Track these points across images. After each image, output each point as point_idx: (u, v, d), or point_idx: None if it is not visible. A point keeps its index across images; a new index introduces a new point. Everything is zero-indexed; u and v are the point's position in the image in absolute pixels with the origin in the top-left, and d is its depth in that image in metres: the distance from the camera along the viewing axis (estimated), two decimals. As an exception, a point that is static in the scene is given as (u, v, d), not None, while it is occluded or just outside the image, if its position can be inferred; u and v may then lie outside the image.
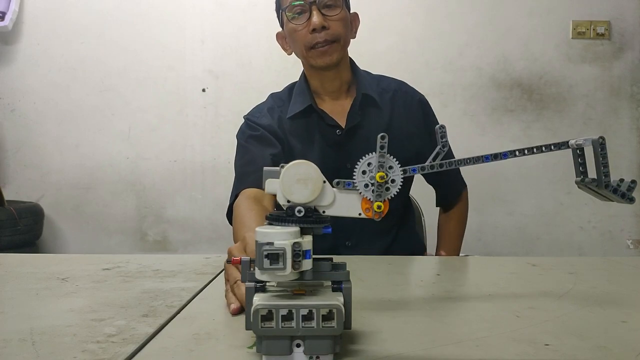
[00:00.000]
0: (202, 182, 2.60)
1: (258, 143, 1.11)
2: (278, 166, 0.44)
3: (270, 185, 0.45)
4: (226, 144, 2.57)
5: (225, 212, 1.10)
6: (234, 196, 1.06)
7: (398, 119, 1.15)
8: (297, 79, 1.20)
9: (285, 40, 1.15)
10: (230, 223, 1.06)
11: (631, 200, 0.52)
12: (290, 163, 0.44)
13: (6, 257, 0.93)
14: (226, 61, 2.58)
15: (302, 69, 1.18)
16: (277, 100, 1.20)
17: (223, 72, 2.58)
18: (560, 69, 2.54)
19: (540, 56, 2.54)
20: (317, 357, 0.42)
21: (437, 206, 1.31)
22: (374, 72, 1.23)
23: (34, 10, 2.58)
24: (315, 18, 1.04)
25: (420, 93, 1.23)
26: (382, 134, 0.46)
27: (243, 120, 1.18)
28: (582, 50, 2.55)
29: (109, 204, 2.60)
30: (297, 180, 0.44)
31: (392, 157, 0.47)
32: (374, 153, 0.46)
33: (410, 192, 1.27)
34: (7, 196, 2.40)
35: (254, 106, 1.21)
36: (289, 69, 2.51)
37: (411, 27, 2.53)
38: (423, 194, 1.37)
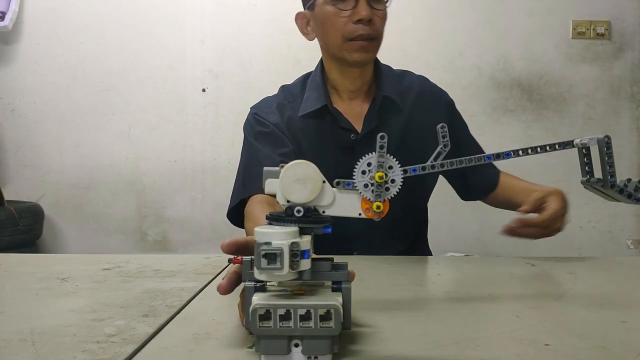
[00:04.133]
0: (202, 182, 2.60)
1: (267, 142, 1.02)
2: None
3: (270, 185, 0.45)
4: (226, 144, 2.57)
5: (226, 212, 1.05)
6: (237, 199, 1.00)
7: (419, 123, 1.06)
8: (297, 79, 1.12)
9: (308, 22, 1.04)
10: (233, 223, 1.04)
11: (638, 200, 0.52)
12: (290, 163, 0.44)
13: (6, 257, 0.93)
14: (226, 61, 2.58)
15: (318, 60, 1.08)
16: (289, 94, 1.09)
17: (223, 72, 2.58)
18: (560, 69, 2.54)
19: (540, 56, 2.54)
20: (316, 357, 0.42)
21: (468, 199, 1.21)
22: None
23: (34, 10, 2.58)
24: (364, 9, 0.94)
25: (446, 94, 1.15)
26: (381, 134, 0.46)
27: (249, 111, 1.10)
28: (582, 50, 2.55)
29: (109, 203, 2.60)
30: (297, 180, 0.44)
31: (391, 157, 0.47)
32: (374, 153, 0.46)
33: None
34: (7, 196, 2.40)
35: (261, 99, 1.13)
36: (289, 69, 2.51)
37: (411, 27, 2.53)
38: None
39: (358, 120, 1.04)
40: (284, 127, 1.04)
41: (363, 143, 1.02)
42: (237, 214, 1.01)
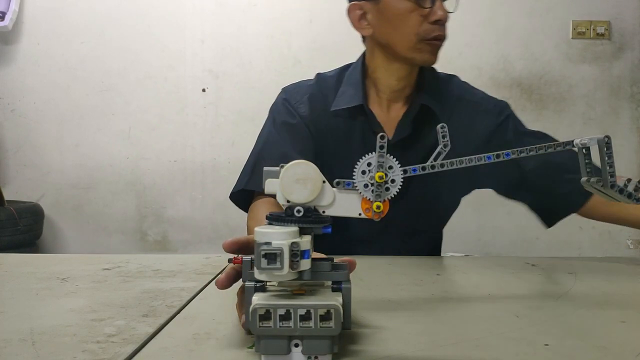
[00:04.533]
0: (202, 182, 2.60)
1: (289, 135, 0.97)
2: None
3: (270, 185, 0.45)
4: (226, 144, 2.57)
5: (229, 194, 1.00)
6: (241, 186, 0.96)
7: (457, 134, 0.97)
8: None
9: (364, 15, 0.94)
10: (236, 205, 1.01)
11: (638, 200, 0.52)
12: (290, 163, 0.44)
13: (6, 257, 0.93)
14: (226, 61, 2.58)
15: (333, 61, 1.04)
16: (324, 87, 1.01)
17: (223, 72, 2.59)
18: (560, 69, 2.54)
19: (540, 56, 2.54)
20: (316, 357, 0.42)
21: (553, 223, 1.03)
22: None
23: (34, 10, 2.58)
24: (442, 9, 0.89)
25: (502, 103, 1.03)
26: (381, 134, 0.46)
27: (280, 92, 1.04)
28: (582, 50, 2.55)
29: (109, 203, 2.60)
30: (296, 180, 0.44)
31: (392, 157, 0.47)
32: (374, 153, 0.46)
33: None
34: (7, 196, 2.40)
35: (292, 83, 1.05)
36: (289, 69, 2.52)
37: (411, 27, 2.53)
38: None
39: (391, 126, 0.98)
40: (310, 122, 0.98)
41: (393, 151, 0.97)
42: (241, 198, 0.99)
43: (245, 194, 0.98)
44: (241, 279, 0.46)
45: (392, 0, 0.90)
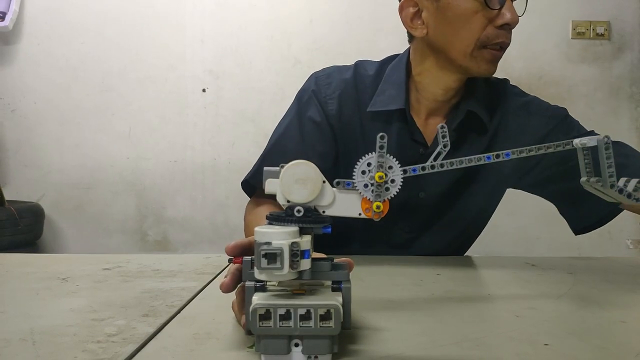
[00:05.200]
0: (202, 182, 2.60)
1: (312, 132, 0.89)
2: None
3: (270, 185, 0.45)
4: (226, 144, 2.57)
5: (241, 183, 0.94)
6: (249, 175, 0.91)
7: (507, 140, 0.90)
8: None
9: (419, 13, 0.83)
10: (245, 191, 0.96)
11: (637, 201, 0.52)
12: (290, 163, 0.44)
13: (6, 257, 0.93)
14: (226, 61, 2.58)
15: (336, 63, 0.95)
16: (360, 83, 0.91)
17: (223, 72, 2.59)
18: (559, 69, 2.54)
19: (539, 56, 2.54)
20: (316, 357, 0.42)
21: (582, 232, 0.99)
22: None
23: (34, 10, 2.58)
24: (512, 12, 0.78)
25: (556, 108, 0.96)
26: (381, 134, 0.46)
27: (311, 77, 0.94)
28: (581, 51, 2.55)
29: (109, 203, 2.60)
30: (296, 180, 0.44)
31: (392, 157, 0.47)
32: (374, 153, 0.46)
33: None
34: (8, 196, 2.40)
35: (325, 68, 0.95)
36: (289, 69, 2.52)
37: (411, 27, 2.53)
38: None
39: (430, 134, 0.89)
40: (337, 122, 0.90)
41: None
42: (247, 188, 0.94)
43: (251, 185, 0.94)
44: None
45: (459, 1, 0.79)
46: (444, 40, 0.82)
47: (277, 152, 0.89)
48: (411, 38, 0.91)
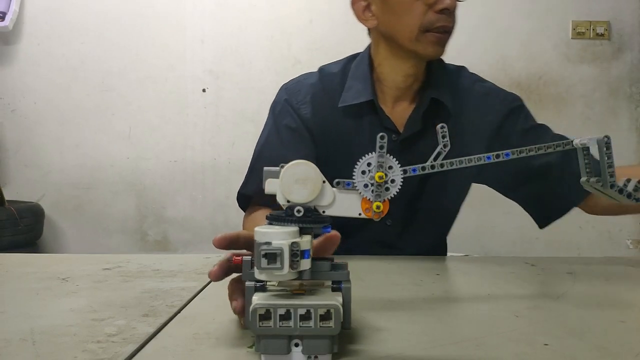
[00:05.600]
0: (202, 182, 2.60)
1: (290, 139, 0.94)
2: None
3: (270, 185, 0.45)
4: (226, 144, 2.57)
5: (237, 199, 0.98)
6: (241, 188, 0.95)
7: (470, 128, 0.95)
8: (338, 62, 1.01)
9: (368, 6, 0.91)
10: (241, 206, 0.99)
11: (637, 200, 0.52)
12: (290, 163, 0.44)
13: (6, 257, 0.93)
14: (226, 61, 2.59)
15: (354, 51, 0.99)
16: (327, 82, 0.97)
17: (223, 72, 2.59)
18: (559, 69, 2.54)
19: (539, 56, 2.54)
20: (316, 357, 0.42)
21: (546, 224, 1.00)
22: None
23: (34, 10, 2.58)
24: None
25: (512, 95, 1.02)
26: (381, 134, 0.46)
27: (280, 90, 1.00)
28: (581, 51, 2.55)
29: (109, 203, 2.60)
30: (296, 180, 0.44)
31: (392, 157, 0.47)
32: (374, 153, 0.46)
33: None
34: (8, 196, 2.40)
35: (292, 79, 1.01)
36: (289, 69, 2.52)
37: (411, 27, 2.53)
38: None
39: (400, 121, 0.94)
40: (314, 125, 0.95)
41: (403, 147, 0.93)
42: (241, 200, 0.98)
43: (245, 196, 0.97)
44: (234, 273, 0.47)
45: None
46: (391, 29, 0.89)
47: (261, 162, 0.92)
48: (369, 32, 0.98)
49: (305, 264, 0.41)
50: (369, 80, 0.93)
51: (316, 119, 0.94)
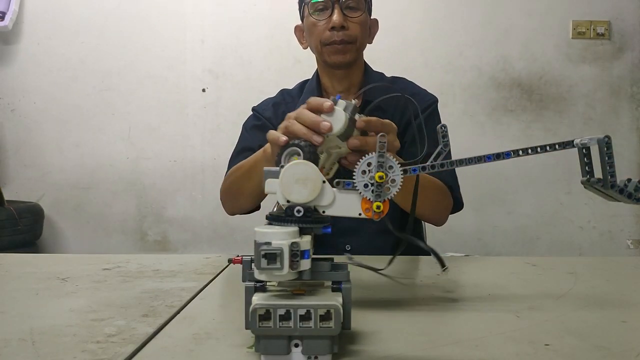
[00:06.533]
0: (202, 182, 2.59)
1: (259, 132, 1.13)
2: None
3: (270, 185, 0.45)
4: (226, 144, 2.56)
5: (219, 195, 1.14)
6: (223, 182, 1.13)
7: (404, 126, 1.10)
8: (297, 79, 1.21)
9: (303, 34, 1.17)
10: (224, 206, 1.15)
11: (638, 200, 0.52)
12: (290, 163, 0.44)
13: (6, 257, 0.93)
14: (226, 61, 2.58)
15: (315, 67, 1.18)
16: (287, 96, 1.22)
17: (223, 72, 2.58)
18: (560, 69, 2.54)
19: (540, 56, 2.54)
20: (316, 357, 0.42)
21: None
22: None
23: (34, 10, 2.58)
24: (336, 17, 1.05)
25: (430, 97, 1.18)
26: (381, 134, 0.46)
27: (248, 114, 1.22)
28: (582, 50, 2.55)
29: (109, 203, 2.60)
30: (296, 180, 0.44)
31: (392, 157, 0.47)
32: (374, 153, 0.46)
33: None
34: (7, 196, 2.40)
35: (260, 101, 1.25)
36: (289, 69, 2.52)
37: (411, 27, 2.53)
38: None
39: None
40: (275, 123, 1.11)
41: None
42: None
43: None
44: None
45: (306, 18, 1.10)
46: (311, 47, 1.13)
47: (238, 153, 1.16)
48: None
49: (305, 264, 0.41)
50: (317, 91, 1.16)
51: (277, 119, 1.12)
